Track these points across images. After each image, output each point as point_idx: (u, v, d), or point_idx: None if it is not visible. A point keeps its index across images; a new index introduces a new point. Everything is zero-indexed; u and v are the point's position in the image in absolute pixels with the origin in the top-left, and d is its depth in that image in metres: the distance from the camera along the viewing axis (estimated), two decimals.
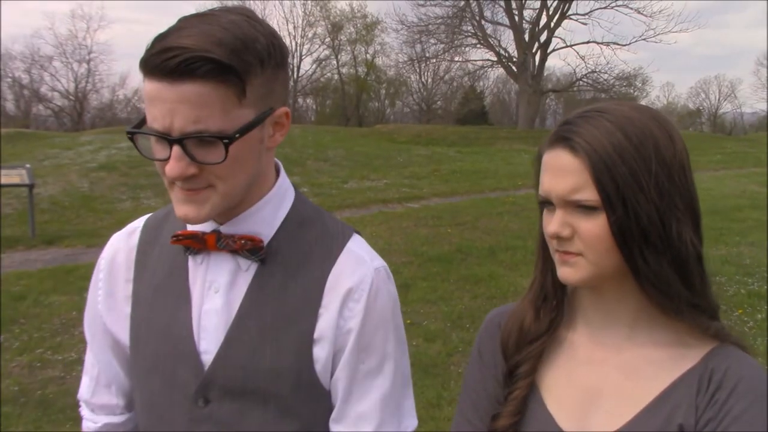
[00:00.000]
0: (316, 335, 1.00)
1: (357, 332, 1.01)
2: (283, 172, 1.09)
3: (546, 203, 0.95)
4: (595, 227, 0.89)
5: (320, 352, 1.00)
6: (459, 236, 8.45)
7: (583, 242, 0.91)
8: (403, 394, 1.07)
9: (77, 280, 6.50)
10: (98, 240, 8.40)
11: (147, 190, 11.84)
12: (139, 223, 1.16)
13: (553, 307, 1.03)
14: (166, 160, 0.90)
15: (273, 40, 0.95)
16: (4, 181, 8.54)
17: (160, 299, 1.06)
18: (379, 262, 1.06)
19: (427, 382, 4.16)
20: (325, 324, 1.00)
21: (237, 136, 0.90)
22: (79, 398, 1.20)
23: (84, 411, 1.19)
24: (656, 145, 0.89)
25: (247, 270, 1.02)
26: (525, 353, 1.02)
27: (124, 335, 1.11)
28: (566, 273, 0.94)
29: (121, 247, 1.14)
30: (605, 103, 0.96)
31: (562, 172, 0.91)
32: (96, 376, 1.16)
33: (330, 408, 1.05)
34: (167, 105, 0.87)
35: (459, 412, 1.10)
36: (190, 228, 1.04)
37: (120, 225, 1.22)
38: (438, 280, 6.49)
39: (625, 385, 0.95)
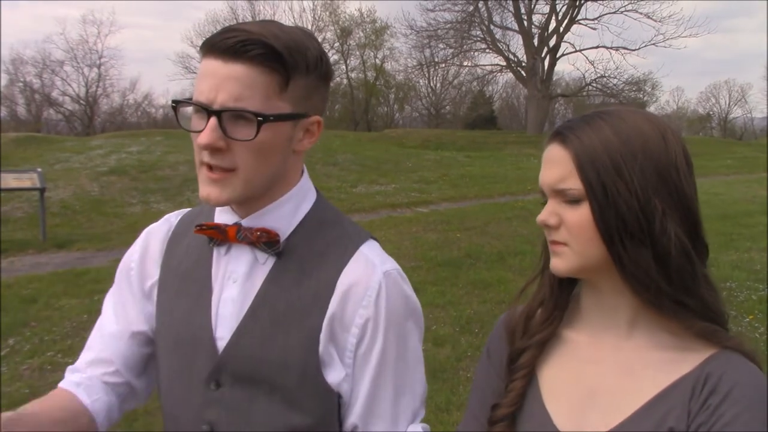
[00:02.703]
0: (323, 333, 1.03)
1: (368, 337, 1.04)
2: (306, 175, 1.13)
3: (544, 196, 0.99)
4: (578, 217, 0.93)
5: (326, 350, 1.03)
6: (468, 241, 8.44)
7: (568, 231, 0.95)
8: (404, 395, 1.07)
9: (87, 283, 6.53)
10: (108, 244, 8.45)
11: (157, 194, 11.90)
12: (177, 215, 1.21)
13: (554, 302, 1.05)
14: (201, 131, 0.97)
15: (322, 56, 1.04)
16: (15, 184, 8.62)
17: (185, 287, 1.11)
18: (390, 265, 1.08)
19: (436, 386, 4.15)
20: (332, 323, 1.03)
21: (271, 119, 0.97)
22: (70, 369, 1.15)
23: (67, 374, 1.14)
24: (645, 142, 0.92)
25: (264, 263, 1.06)
26: (525, 343, 1.05)
27: (145, 325, 1.15)
28: (555, 263, 0.98)
29: (156, 239, 1.18)
30: (611, 107, 1.00)
31: (552, 163, 0.96)
32: (100, 352, 1.13)
33: (336, 407, 1.06)
34: (216, 80, 0.95)
35: (468, 409, 1.13)
36: (216, 221, 1.10)
37: (130, 229, 1.25)
38: (447, 285, 6.48)
39: (621, 386, 0.96)
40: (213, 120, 0.95)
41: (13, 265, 7.45)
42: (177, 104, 1.02)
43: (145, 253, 1.17)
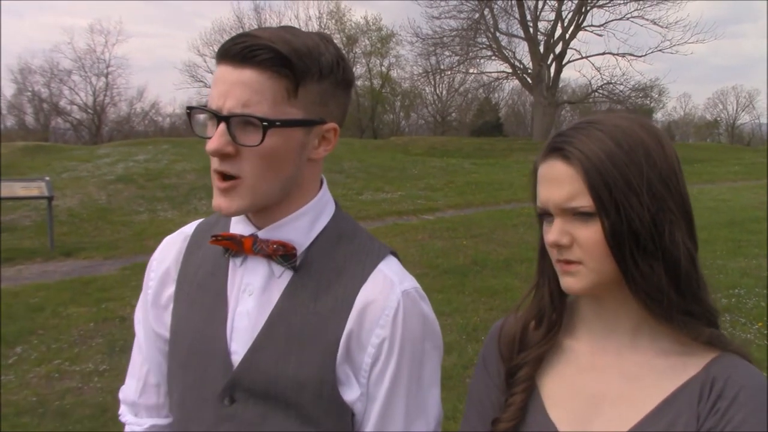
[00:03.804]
0: (340, 351, 1.00)
1: (383, 357, 1.01)
2: (325, 187, 1.11)
3: (545, 214, 0.97)
4: (592, 234, 0.91)
5: (342, 369, 1.01)
6: (474, 248, 8.42)
7: (582, 250, 0.93)
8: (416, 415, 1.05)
9: (95, 291, 6.56)
10: (115, 252, 8.48)
11: (164, 202, 11.95)
12: (191, 227, 1.19)
13: (552, 315, 1.04)
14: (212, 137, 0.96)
15: (340, 61, 1.01)
16: (23, 193, 8.67)
17: (200, 298, 1.09)
18: (409, 284, 1.05)
19: (443, 395, 4.11)
20: (349, 342, 1.01)
21: (277, 124, 0.94)
22: (123, 401, 1.20)
23: (126, 416, 1.19)
24: (647, 151, 0.91)
25: (280, 277, 1.04)
26: (523, 358, 1.04)
27: (167, 334, 1.13)
28: (569, 282, 0.95)
29: (173, 249, 1.17)
30: (597, 115, 0.99)
31: (558, 181, 0.93)
32: (144, 376, 1.17)
33: (350, 425, 1.04)
34: (225, 86, 0.95)
35: (465, 421, 1.12)
36: (231, 231, 1.08)
37: (137, 237, 1.25)
38: (453, 293, 6.46)
39: (626, 392, 0.95)
40: (221, 126, 0.94)
41: (20, 273, 7.48)
42: (191, 111, 1.02)
43: (161, 264, 1.16)
